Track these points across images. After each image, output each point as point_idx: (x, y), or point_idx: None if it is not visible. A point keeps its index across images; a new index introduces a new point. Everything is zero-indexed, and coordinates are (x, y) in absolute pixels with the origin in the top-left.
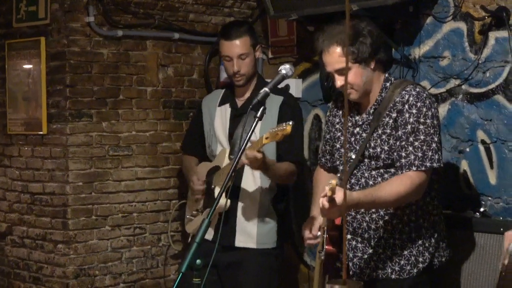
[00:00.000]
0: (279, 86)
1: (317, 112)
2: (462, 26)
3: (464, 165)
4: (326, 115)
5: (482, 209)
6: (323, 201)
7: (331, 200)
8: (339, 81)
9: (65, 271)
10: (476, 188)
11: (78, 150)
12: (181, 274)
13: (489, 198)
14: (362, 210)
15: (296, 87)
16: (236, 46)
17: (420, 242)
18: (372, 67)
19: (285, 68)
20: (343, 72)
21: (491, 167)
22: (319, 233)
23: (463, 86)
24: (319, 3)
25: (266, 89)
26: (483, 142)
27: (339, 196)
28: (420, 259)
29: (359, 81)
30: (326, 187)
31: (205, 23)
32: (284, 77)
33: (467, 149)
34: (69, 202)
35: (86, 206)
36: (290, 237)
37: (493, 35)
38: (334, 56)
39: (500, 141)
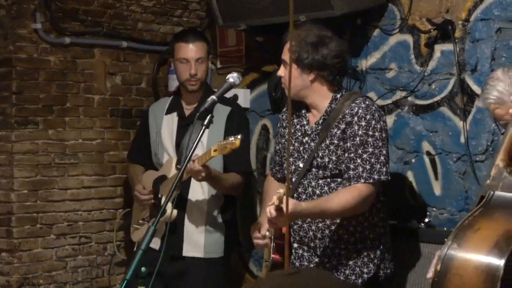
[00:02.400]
0: (227, 95)
1: (265, 122)
2: (409, 38)
3: (409, 176)
4: (276, 126)
5: (427, 220)
6: (270, 210)
7: (279, 208)
8: (280, 70)
9: (9, 280)
10: (421, 199)
11: (23, 158)
12: (125, 281)
13: (434, 209)
14: (309, 219)
15: (244, 97)
16: (195, 49)
17: (365, 253)
18: (310, 78)
19: (232, 77)
20: (285, 64)
21: (436, 178)
22: (267, 233)
23: (409, 98)
24: (267, 13)
25: (213, 97)
26: (428, 153)
27: (291, 203)
28: (365, 270)
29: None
30: (274, 196)
31: (153, 32)
32: (232, 86)
33: (413, 160)
34: (13, 210)
35: (31, 214)
36: (237, 247)
37: (438, 48)
38: (285, 47)
39: (444, 152)
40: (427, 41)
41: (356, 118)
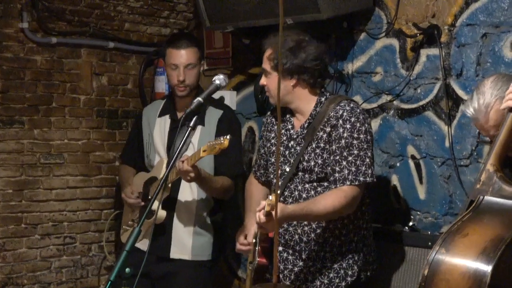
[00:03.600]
0: (215, 98)
1: (251, 125)
2: (395, 42)
3: (394, 180)
4: (260, 129)
5: (411, 223)
6: (259, 215)
7: (268, 214)
8: (262, 79)
9: None
10: (406, 203)
11: (8, 157)
12: (110, 282)
13: (418, 213)
14: (295, 222)
15: (230, 99)
16: (185, 55)
17: (350, 255)
18: (292, 84)
19: (219, 79)
20: (266, 73)
21: (421, 182)
22: (253, 240)
23: (394, 102)
24: (254, 16)
25: (199, 98)
26: (413, 157)
27: (279, 206)
28: (349, 273)
29: (273, 88)
30: (263, 202)
31: (140, 33)
32: (218, 87)
33: (398, 164)
34: None
35: (15, 214)
36: (225, 250)
37: (424, 52)
38: (265, 56)
39: (429, 156)
40: (413, 45)
41: (341, 121)
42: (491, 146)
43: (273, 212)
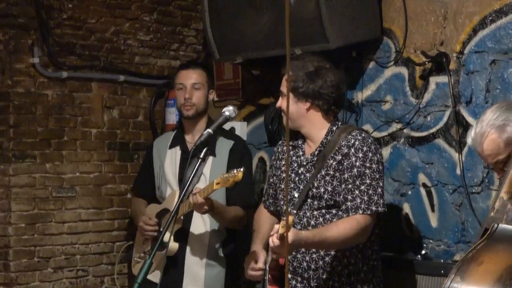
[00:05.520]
0: (225, 129)
1: (261, 155)
2: (404, 71)
3: (406, 208)
4: (271, 159)
5: (423, 252)
6: (273, 239)
7: (282, 238)
8: (279, 101)
9: None
10: (418, 231)
11: (21, 191)
12: None
13: (430, 241)
14: (303, 249)
15: (241, 130)
16: (192, 75)
17: (358, 286)
18: (305, 107)
19: (228, 110)
20: (283, 95)
21: (432, 210)
22: (263, 266)
23: (404, 130)
24: (263, 47)
25: (209, 130)
26: (424, 185)
27: (290, 235)
28: None
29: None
30: (276, 225)
31: (150, 66)
32: (228, 119)
33: (409, 192)
34: (10, 244)
35: (28, 247)
36: (238, 281)
37: (433, 80)
38: (283, 79)
39: (441, 184)
40: (422, 73)
41: (353, 150)
42: (504, 173)
43: (290, 232)
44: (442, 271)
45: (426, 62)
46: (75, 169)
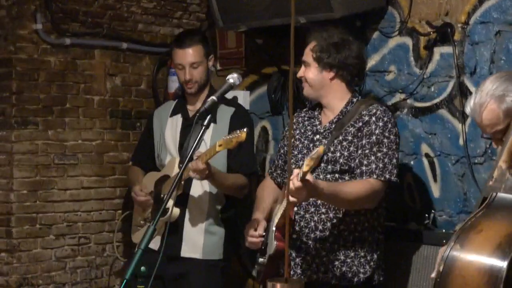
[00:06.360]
0: (227, 97)
1: (264, 124)
2: (408, 41)
3: (408, 178)
4: (275, 128)
5: (425, 222)
6: (294, 181)
7: (303, 179)
8: (301, 71)
9: (8, 280)
10: (420, 201)
11: (23, 158)
12: (125, 281)
13: (432, 211)
14: (312, 209)
15: (244, 99)
16: (189, 54)
17: (362, 254)
18: (330, 77)
19: (232, 77)
20: (306, 64)
21: (435, 180)
22: (263, 233)
23: (408, 100)
24: (267, 15)
25: (213, 97)
26: (427, 155)
27: (309, 177)
28: (361, 270)
29: (310, 78)
30: (296, 170)
31: (153, 34)
32: (232, 86)
33: (412, 162)
34: (13, 210)
35: (30, 214)
36: (238, 249)
37: (438, 51)
38: (307, 48)
39: (443, 154)
40: (427, 43)
41: (374, 118)
42: (503, 143)
43: (309, 179)
44: (444, 241)
45: (431, 33)
46: (77, 136)
